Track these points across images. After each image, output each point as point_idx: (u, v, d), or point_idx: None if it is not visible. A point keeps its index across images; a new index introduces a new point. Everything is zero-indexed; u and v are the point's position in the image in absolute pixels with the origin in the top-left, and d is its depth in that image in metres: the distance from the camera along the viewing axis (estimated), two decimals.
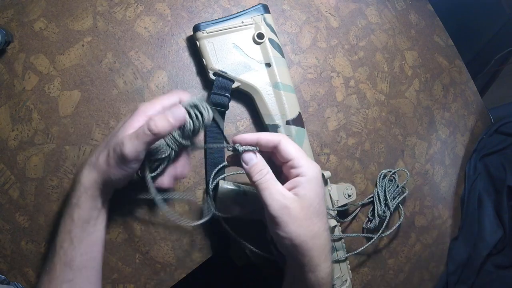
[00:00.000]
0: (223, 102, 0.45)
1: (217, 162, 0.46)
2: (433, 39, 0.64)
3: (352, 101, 0.55)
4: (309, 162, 0.34)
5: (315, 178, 0.34)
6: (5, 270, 0.41)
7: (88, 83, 0.45)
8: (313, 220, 0.33)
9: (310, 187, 0.33)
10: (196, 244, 0.46)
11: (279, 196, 0.33)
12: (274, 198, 0.32)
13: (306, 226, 0.33)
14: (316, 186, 0.34)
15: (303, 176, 0.33)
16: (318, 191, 0.34)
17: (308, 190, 0.33)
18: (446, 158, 0.62)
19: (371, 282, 0.55)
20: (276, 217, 0.32)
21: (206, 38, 0.44)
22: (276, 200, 0.32)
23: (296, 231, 0.32)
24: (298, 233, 0.32)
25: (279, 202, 0.32)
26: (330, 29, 0.55)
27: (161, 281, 0.45)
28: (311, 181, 0.33)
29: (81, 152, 0.44)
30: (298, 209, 0.32)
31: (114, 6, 0.46)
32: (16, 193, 0.42)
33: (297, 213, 0.32)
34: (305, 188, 0.33)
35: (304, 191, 0.33)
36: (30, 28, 0.44)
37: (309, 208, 0.33)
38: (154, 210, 0.45)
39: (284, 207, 0.32)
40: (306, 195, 0.33)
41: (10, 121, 0.42)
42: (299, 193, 0.33)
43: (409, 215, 0.58)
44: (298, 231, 0.32)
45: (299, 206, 0.33)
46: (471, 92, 0.66)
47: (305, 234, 0.33)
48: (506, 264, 0.57)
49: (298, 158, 0.34)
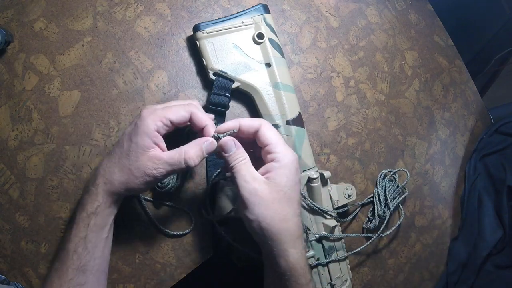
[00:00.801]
0: (223, 102, 0.45)
1: (217, 162, 0.46)
2: (433, 39, 0.64)
3: (352, 101, 0.55)
4: (285, 149, 0.35)
5: (289, 165, 0.34)
6: (5, 270, 0.41)
7: (88, 83, 0.45)
8: (282, 204, 0.34)
9: (283, 172, 0.34)
10: (196, 244, 0.46)
11: (250, 178, 0.34)
12: (245, 179, 0.34)
13: (274, 209, 0.33)
14: (289, 172, 0.34)
15: (277, 161, 0.34)
16: (291, 178, 0.34)
17: (280, 175, 0.34)
18: (446, 158, 0.62)
19: (371, 282, 0.55)
20: (245, 198, 0.33)
21: (206, 38, 0.44)
22: (246, 181, 0.33)
23: (263, 213, 0.33)
24: (264, 215, 0.33)
25: (248, 184, 0.33)
26: (330, 29, 0.55)
27: (161, 281, 0.45)
28: (284, 167, 0.34)
29: (81, 152, 0.44)
30: (267, 191, 0.33)
31: (114, 6, 0.46)
32: (16, 193, 0.42)
33: (265, 195, 0.33)
34: (277, 173, 0.34)
35: (275, 176, 0.34)
36: (30, 28, 0.44)
37: (279, 192, 0.34)
38: (154, 210, 0.45)
39: (252, 189, 0.33)
40: (277, 180, 0.34)
41: (10, 121, 0.42)
42: (271, 177, 0.34)
43: (409, 215, 0.58)
44: (265, 213, 0.33)
45: (268, 189, 0.33)
46: (471, 92, 0.66)
47: (272, 217, 0.33)
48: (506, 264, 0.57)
49: (275, 144, 0.35)
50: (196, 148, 0.35)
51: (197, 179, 0.47)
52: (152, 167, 0.34)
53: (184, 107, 0.35)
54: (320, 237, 0.46)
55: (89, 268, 0.35)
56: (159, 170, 0.34)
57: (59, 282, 0.34)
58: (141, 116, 0.34)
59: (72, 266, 0.34)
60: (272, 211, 0.33)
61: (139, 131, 0.33)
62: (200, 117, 0.36)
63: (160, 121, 0.34)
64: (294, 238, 0.34)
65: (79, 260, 0.34)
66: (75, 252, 0.34)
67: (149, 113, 0.34)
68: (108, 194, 0.35)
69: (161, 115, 0.34)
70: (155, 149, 0.34)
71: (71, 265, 0.34)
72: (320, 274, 0.46)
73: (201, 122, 0.36)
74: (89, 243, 0.35)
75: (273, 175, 0.34)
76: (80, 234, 0.35)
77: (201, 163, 0.47)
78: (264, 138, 0.35)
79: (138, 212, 0.44)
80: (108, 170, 0.35)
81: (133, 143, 0.34)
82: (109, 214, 0.36)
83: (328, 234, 0.46)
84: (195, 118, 0.36)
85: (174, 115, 0.34)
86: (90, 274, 0.35)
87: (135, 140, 0.34)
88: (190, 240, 0.46)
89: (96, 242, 0.36)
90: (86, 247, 0.35)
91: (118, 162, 0.34)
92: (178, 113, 0.35)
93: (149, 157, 0.34)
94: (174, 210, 0.46)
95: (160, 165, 0.34)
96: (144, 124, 0.33)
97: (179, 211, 0.46)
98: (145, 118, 0.34)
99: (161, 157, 0.34)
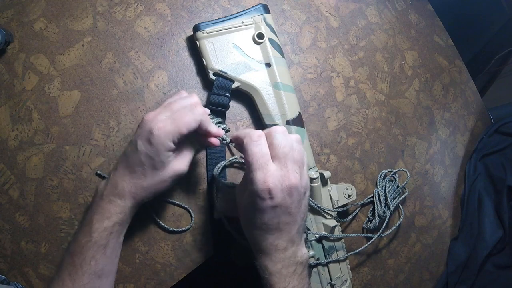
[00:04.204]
0: (223, 102, 0.45)
1: (218, 161, 0.46)
2: (433, 39, 0.64)
3: (352, 101, 0.55)
4: (257, 175, 0.33)
5: (254, 194, 0.33)
6: (5, 270, 0.41)
7: (88, 83, 0.45)
8: None
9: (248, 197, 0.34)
10: (196, 244, 0.46)
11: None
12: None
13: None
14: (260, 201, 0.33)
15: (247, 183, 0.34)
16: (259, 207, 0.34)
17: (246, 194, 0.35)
18: (446, 158, 0.62)
19: (371, 282, 0.55)
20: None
21: (206, 38, 0.44)
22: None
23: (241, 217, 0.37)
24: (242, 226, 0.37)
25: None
26: (330, 29, 0.55)
27: (161, 281, 0.45)
28: (251, 192, 0.33)
29: (81, 152, 0.44)
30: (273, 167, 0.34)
31: (114, 6, 0.46)
32: (16, 193, 0.42)
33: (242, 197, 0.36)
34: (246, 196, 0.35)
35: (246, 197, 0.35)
36: (30, 28, 0.44)
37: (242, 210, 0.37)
38: (154, 210, 0.45)
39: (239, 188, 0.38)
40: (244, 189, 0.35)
41: (10, 121, 0.42)
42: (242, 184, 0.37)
43: (409, 215, 0.58)
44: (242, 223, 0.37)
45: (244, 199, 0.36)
46: (471, 92, 0.66)
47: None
48: (506, 264, 0.57)
49: (249, 167, 0.33)
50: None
51: (197, 179, 0.47)
52: (183, 166, 0.38)
53: (193, 116, 0.35)
54: (320, 237, 0.46)
55: (105, 272, 0.36)
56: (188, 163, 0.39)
57: (73, 285, 0.34)
58: (154, 134, 0.34)
59: (88, 272, 0.35)
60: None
61: (159, 150, 0.34)
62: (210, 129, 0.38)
63: (176, 138, 0.35)
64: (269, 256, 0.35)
65: (97, 265, 0.35)
66: (93, 258, 0.35)
67: (162, 131, 0.34)
68: (136, 205, 0.37)
69: (175, 131, 0.34)
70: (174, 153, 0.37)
71: (87, 270, 0.35)
72: (320, 274, 0.46)
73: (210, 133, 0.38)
74: (109, 249, 0.36)
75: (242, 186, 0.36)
76: (101, 242, 0.35)
77: (201, 163, 0.47)
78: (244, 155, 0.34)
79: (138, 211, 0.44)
80: (134, 185, 0.36)
81: (156, 161, 0.35)
82: (130, 219, 0.38)
83: (328, 234, 0.46)
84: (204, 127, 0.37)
85: (186, 129, 0.35)
86: (105, 278, 0.36)
87: (159, 159, 0.35)
88: (190, 240, 0.46)
89: (115, 247, 0.37)
90: (105, 253, 0.35)
91: (144, 177, 0.36)
92: (191, 125, 0.35)
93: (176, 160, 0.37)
94: (174, 208, 0.46)
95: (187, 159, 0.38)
96: (161, 144, 0.34)
97: (179, 209, 0.46)
98: (160, 137, 0.34)
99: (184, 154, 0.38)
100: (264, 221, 0.33)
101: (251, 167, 0.33)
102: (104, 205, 0.36)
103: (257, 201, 0.33)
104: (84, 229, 0.36)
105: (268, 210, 0.33)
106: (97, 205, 0.36)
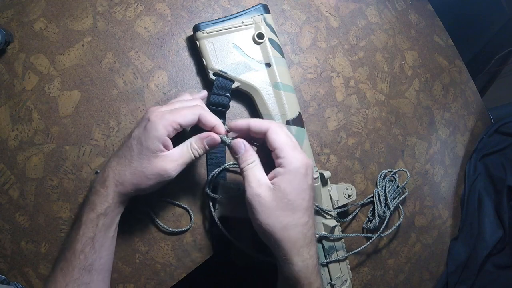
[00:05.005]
0: (223, 102, 0.45)
1: (218, 162, 0.46)
2: (433, 39, 0.64)
3: (352, 101, 0.55)
4: (293, 154, 0.34)
5: (296, 170, 0.33)
6: (5, 270, 0.41)
7: (88, 83, 0.45)
8: (284, 212, 0.33)
9: (287, 179, 0.33)
10: (196, 244, 0.46)
11: (255, 183, 0.33)
12: (250, 185, 0.34)
13: (276, 217, 0.33)
14: (295, 178, 0.33)
15: (283, 167, 0.34)
16: (296, 184, 0.33)
17: (284, 181, 0.33)
18: (446, 158, 0.62)
19: (371, 282, 0.55)
20: (248, 203, 0.33)
21: (206, 38, 0.44)
22: (251, 187, 0.33)
23: (265, 220, 0.33)
24: (267, 222, 0.33)
25: (253, 189, 0.33)
26: (330, 29, 0.55)
27: (161, 281, 0.45)
28: (289, 172, 0.33)
29: (81, 152, 0.44)
30: (269, 199, 0.33)
31: (114, 6, 0.46)
32: (16, 193, 0.42)
33: (267, 202, 0.33)
34: (282, 180, 0.33)
35: (280, 182, 0.33)
36: (30, 28, 0.44)
37: (282, 200, 0.33)
38: (154, 210, 0.45)
39: (256, 195, 0.33)
40: (281, 186, 0.33)
41: (10, 121, 0.42)
42: (276, 183, 0.33)
43: (409, 215, 0.58)
44: (267, 221, 0.33)
45: (271, 196, 0.33)
46: (471, 92, 0.66)
47: (274, 224, 0.33)
48: (506, 264, 0.57)
49: (281, 149, 0.34)
50: (199, 142, 0.37)
51: (197, 179, 0.47)
52: (169, 167, 0.35)
53: (192, 110, 0.36)
54: (320, 237, 0.46)
55: (95, 267, 0.36)
56: (176, 168, 0.36)
57: (64, 281, 0.34)
58: (150, 121, 0.34)
59: (78, 266, 0.35)
60: (273, 218, 0.33)
61: (150, 136, 0.34)
62: (209, 119, 0.37)
63: (170, 126, 0.34)
64: (297, 247, 0.33)
65: (86, 259, 0.35)
66: (82, 252, 0.35)
67: (159, 118, 0.34)
68: (118, 196, 0.36)
69: (171, 120, 0.34)
70: (165, 150, 0.35)
71: (77, 264, 0.35)
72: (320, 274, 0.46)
73: (210, 123, 0.37)
74: (97, 242, 0.35)
75: (278, 181, 0.33)
76: (88, 234, 0.35)
77: (201, 163, 0.47)
78: (270, 142, 0.34)
79: (138, 211, 0.44)
80: (118, 172, 0.35)
81: (144, 147, 0.34)
82: (117, 214, 0.37)
83: (328, 234, 0.46)
84: (204, 120, 0.37)
85: (183, 120, 0.35)
86: (96, 273, 0.36)
87: (146, 144, 0.34)
88: (190, 240, 0.46)
89: (103, 241, 0.36)
90: (94, 247, 0.35)
91: (129, 165, 0.35)
92: (187, 117, 0.35)
93: (163, 159, 0.35)
94: (173, 208, 0.46)
95: (176, 163, 0.36)
96: (155, 129, 0.34)
97: (179, 209, 0.46)
98: (155, 123, 0.34)
99: (175, 156, 0.36)
100: (305, 200, 0.34)
101: (285, 149, 0.34)
102: (90, 196, 0.36)
103: (299, 180, 0.33)
104: (74, 223, 0.36)
105: (309, 188, 0.34)
106: (86, 197, 0.37)
